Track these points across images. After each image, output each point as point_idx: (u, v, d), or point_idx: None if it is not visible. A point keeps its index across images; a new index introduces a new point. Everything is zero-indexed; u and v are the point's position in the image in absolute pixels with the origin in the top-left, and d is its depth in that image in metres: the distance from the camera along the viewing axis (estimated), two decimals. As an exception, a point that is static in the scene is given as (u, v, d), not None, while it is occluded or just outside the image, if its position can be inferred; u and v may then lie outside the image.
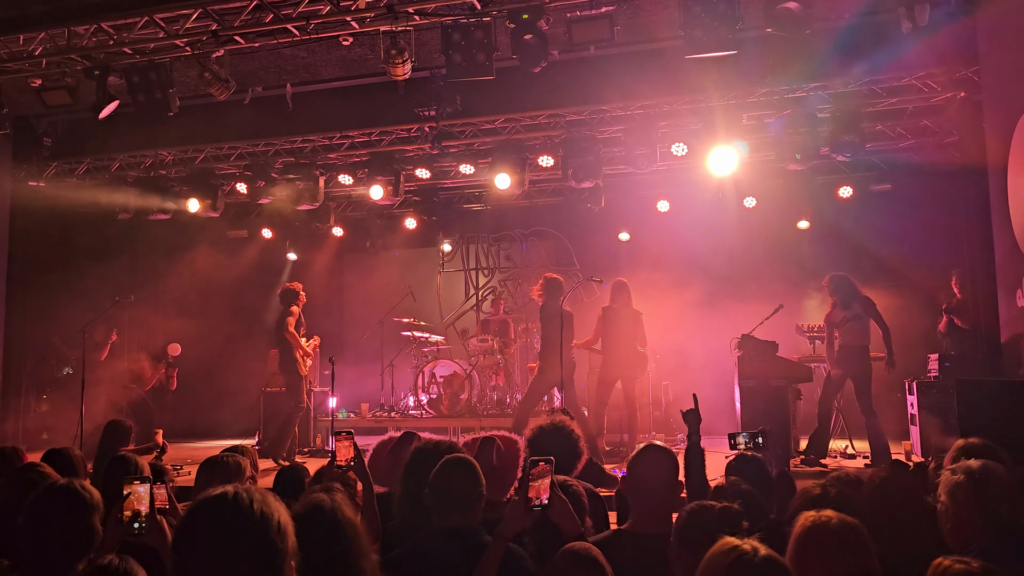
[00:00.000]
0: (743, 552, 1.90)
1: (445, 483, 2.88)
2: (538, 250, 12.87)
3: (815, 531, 2.24)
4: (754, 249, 11.21)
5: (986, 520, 2.49)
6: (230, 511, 1.61)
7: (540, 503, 2.67)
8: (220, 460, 3.69)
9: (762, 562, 1.89)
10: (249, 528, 1.59)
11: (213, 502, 1.65)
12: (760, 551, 1.91)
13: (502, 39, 7.16)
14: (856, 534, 2.25)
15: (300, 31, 7.49)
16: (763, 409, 7.62)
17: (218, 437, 10.79)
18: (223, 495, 1.65)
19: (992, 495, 2.51)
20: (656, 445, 3.15)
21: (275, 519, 1.63)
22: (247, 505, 1.62)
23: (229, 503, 1.62)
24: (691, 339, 10.63)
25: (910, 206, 10.92)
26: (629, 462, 3.08)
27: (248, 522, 1.60)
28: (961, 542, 2.49)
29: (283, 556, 1.61)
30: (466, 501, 2.87)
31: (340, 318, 12.77)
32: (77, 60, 7.98)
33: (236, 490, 1.66)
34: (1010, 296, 7.28)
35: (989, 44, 7.70)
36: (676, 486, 3.01)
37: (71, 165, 11.08)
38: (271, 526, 1.62)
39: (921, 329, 9.97)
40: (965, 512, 2.51)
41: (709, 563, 1.94)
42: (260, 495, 1.67)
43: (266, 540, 1.60)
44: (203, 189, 10.72)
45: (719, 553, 1.94)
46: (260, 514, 1.61)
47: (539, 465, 2.71)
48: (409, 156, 10.56)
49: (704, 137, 9.27)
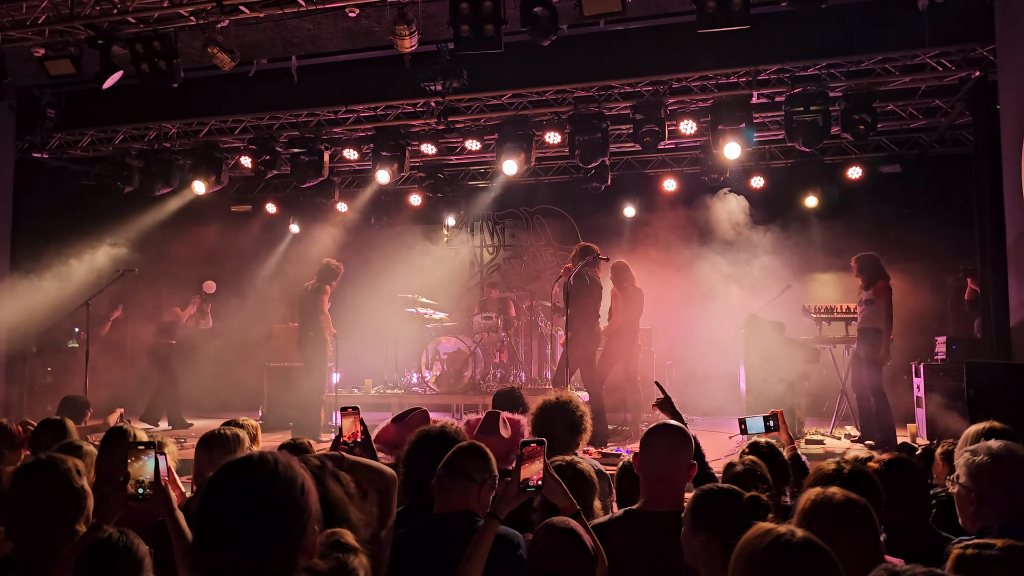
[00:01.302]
0: (780, 534, 1.85)
1: (446, 467, 2.87)
2: (543, 228, 12.80)
3: (819, 507, 2.21)
4: (762, 229, 11.13)
5: (1009, 501, 2.45)
6: (257, 471, 1.65)
7: (533, 484, 2.64)
8: (219, 434, 3.67)
9: (802, 544, 1.84)
10: (275, 488, 1.63)
11: (240, 464, 1.68)
12: (798, 533, 1.86)
13: (511, 12, 7.05)
14: (861, 512, 2.21)
15: (306, 2, 7.39)
16: (768, 390, 7.59)
17: (220, 412, 10.79)
18: (248, 457, 1.69)
19: (1016, 476, 2.47)
20: (668, 424, 3.12)
21: (299, 480, 1.66)
22: (272, 466, 1.65)
23: (255, 464, 1.66)
24: (697, 319, 10.60)
25: (920, 188, 10.84)
26: (642, 440, 3.04)
27: (274, 482, 1.63)
28: (980, 523, 2.46)
29: (308, 516, 1.65)
30: (467, 484, 2.86)
31: (344, 294, 12.71)
32: (80, 29, 7.90)
33: (262, 453, 1.70)
34: (1021, 279, 7.21)
35: (1005, 22, 7.57)
36: (689, 465, 2.97)
37: (75, 137, 11.02)
38: (295, 486, 1.65)
39: (929, 312, 9.93)
40: (989, 493, 2.47)
41: (745, 547, 1.88)
42: (285, 458, 1.70)
43: (291, 499, 1.63)
44: (207, 163, 10.64)
45: (755, 537, 1.88)
46: (285, 475, 1.65)
47: (531, 446, 2.68)
48: (415, 131, 10.48)
49: (713, 115, 9.14)
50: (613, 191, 11.42)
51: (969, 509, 2.58)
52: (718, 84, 9.29)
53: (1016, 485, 2.51)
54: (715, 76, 9.20)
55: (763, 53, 8.74)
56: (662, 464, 2.93)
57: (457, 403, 10.27)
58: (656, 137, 9.20)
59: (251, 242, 12.95)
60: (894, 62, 8.74)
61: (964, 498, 2.59)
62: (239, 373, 11.73)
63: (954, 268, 10.06)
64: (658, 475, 2.91)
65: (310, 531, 1.65)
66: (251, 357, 11.58)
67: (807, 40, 8.52)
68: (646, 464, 2.97)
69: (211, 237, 12.44)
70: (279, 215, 12.85)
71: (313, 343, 9.06)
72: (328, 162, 10.60)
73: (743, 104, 9.03)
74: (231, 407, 11.20)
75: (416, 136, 10.46)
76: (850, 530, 2.13)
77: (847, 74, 8.88)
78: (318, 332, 9.02)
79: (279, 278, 12.66)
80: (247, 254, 12.84)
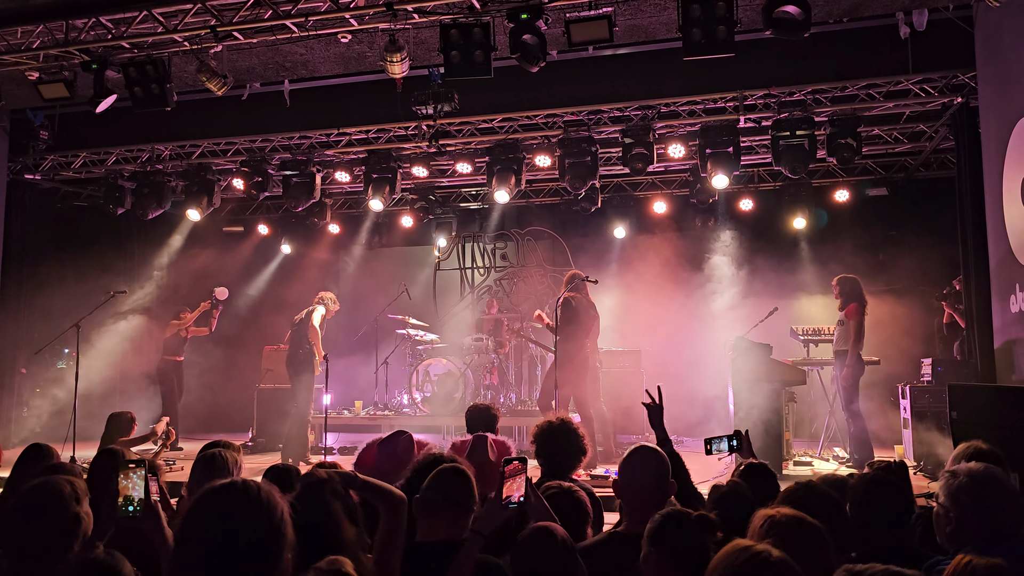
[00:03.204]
0: (756, 552, 1.90)
1: (445, 485, 2.84)
2: (534, 250, 12.88)
3: (766, 527, 2.26)
4: (749, 251, 11.23)
5: (987, 524, 2.50)
6: (238, 498, 1.70)
7: (515, 501, 2.67)
8: (216, 456, 3.71)
9: (777, 563, 1.88)
10: (255, 515, 1.69)
11: (222, 489, 1.74)
12: (773, 553, 1.90)
13: (500, 38, 7.16)
14: (805, 530, 2.26)
15: (299, 28, 7.49)
16: (756, 412, 7.62)
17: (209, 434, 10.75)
18: (232, 483, 1.75)
19: (995, 499, 2.53)
20: (646, 446, 3.16)
21: (279, 509, 1.72)
22: (255, 493, 1.72)
23: (238, 491, 1.72)
24: (686, 340, 10.65)
25: (906, 211, 10.96)
26: (621, 463, 3.09)
27: (255, 509, 1.69)
28: (958, 544, 2.50)
29: (284, 543, 1.70)
30: (460, 510, 2.82)
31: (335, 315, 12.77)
32: (75, 54, 7.97)
33: (244, 480, 1.76)
34: (1004, 302, 7.30)
35: (986, 50, 7.73)
36: (667, 486, 3.01)
37: (67, 159, 11.07)
38: (275, 514, 1.71)
39: (915, 334, 10.00)
40: (968, 515, 2.53)
41: (719, 563, 1.93)
42: (267, 486, 1.76)
43: (271, 527, 1.69)
44: (199, 184, 10.70)
45: (731, 553, 1.93)
46: (267, 503, 1.71)
47: (513, 464, 2.72)
48: (406, 154, 10.56)
49: (701, 139, 9.26)
50: (603, 213, 11.52)
51: (946, 529, 2.62)
52: (706, 109, 9.41)
53: (992, 508, 2.55)
54: (703, 101, 9.33)
55: (750, 79, 8.89)
56: (642, 486, 2.98)
57: (447, 424, 10.27)
58: (645, 161, 9.31)
59: (243, 263, 12.98)
60: (878, 88, 8.89)
61: (942, 518, 2.64)
62: (229, 394, 11.73)
63: (940, 290, 10.17)
64: (639, 497, 2.95)
65: (285, 558, 1.70)
66: (241, 378, 11.57)
67: (792, 66, 8.67)
68: (627, 487, 3.02)
69: (203, 257, 12.47)
70: (271, 236, 12.90)
71: (303, 364, 9.08)
72: (320, 184, 10.67)
73: (731, 129, 9.16)
74: (221, 428, 11.20)
75: (407, 159, 10.55)
76: (796, 548, 2.18)
77: (832, 99, 9.03)
78: (307, 352, 9.04)
79: (270, 299, 12.69)
80: (239, 274, 12.86)
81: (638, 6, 7.58)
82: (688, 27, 6.57)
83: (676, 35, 6.79)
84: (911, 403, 8.33)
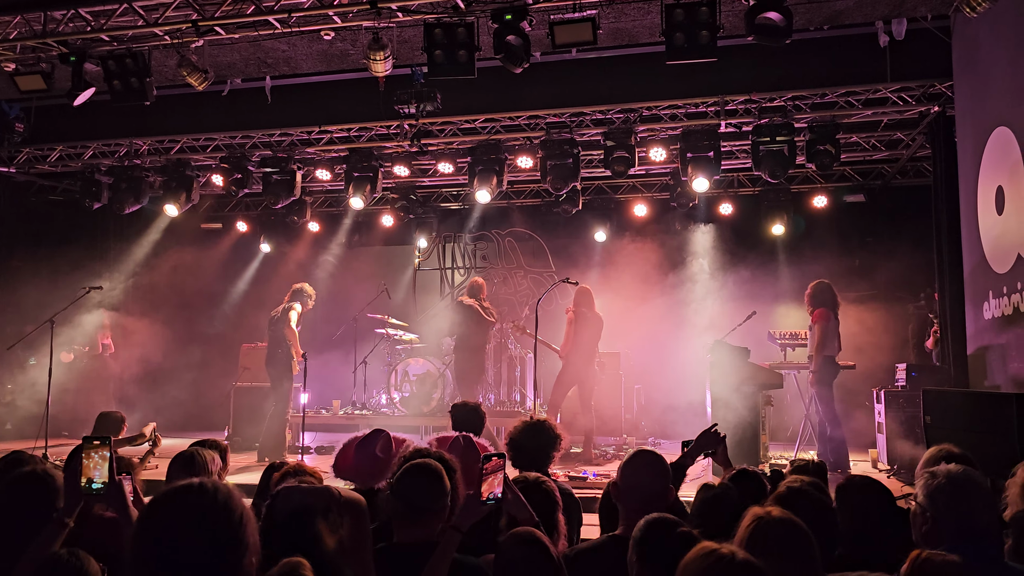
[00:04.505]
0: (722, 555, 1.92)
1: (408, 493, 2.80)
2: (515, 251, 12.88)
3: (757, 527, 2.28)
4: (728, 255, 11.32)
5: (962, 524, 2.54)
6: (194, 500, 1.66)
7: (493, 496, 2.68)
8: (195, 455, 3.67)
9: (742, 564, 1.90)
10: (211, 517, 1.64)
11: (180, 491, 1.69)
12: (739, 555, 1.93)
13: (484, 39, 7.16)
14: (795, 531, 2.28)
15: (281, 24, 7.45)
16: (733, 415, 7.67)
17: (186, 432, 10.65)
18: (189, 485, 1.70)
19: (971, 501, 2.57)
20: (646, 450, 3.15)
21: (238, 512, 1.67)
22: (211, 495, 1.66)
23: (194, 493, 1.67)
24: (665, 343, 10.71)
25: (883, 217, 11.10)
26: (622, 466, 3.08)
27: (210, 512, 1.64)
28: (933, 544, 2.54)
29: (244, 548, 1.65)
30: (428, 513, 2.79)
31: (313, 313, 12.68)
32: (53, 45, 7.87)
33: (202, 481, 1.70)
34: (977, 309, 7.41)
35: (962, 60, 7.84)
36: (667, 491, 3.02)
37: (44, 152, 10.92)
38: (233, 517, 1.65)
39: (889, 339, 10.12)
40: (944, 515, 2.56)
41: (686, 566, 1.96)
42: (225, 488, 1.70)
43: (227, 530, 1.64)
44: (178, 180, 10.59)
45: (698, 556, 1.96)
46: (224, 505, 1.66)
47: (492, 460, 2.72)
48: (388, 153, 10.53)
49: (683, 143, 9.32)
50: (584, 215, 11.55)
51: (923, 528, 2.66)
52: (687, 113, 9.47)
53: (968, 509, 2.59)
54: (684, 105, 9.38)
55: (731, 84, 8.95)
56: (643, 490, 2.96)
57: (425, 425, 10.24)
58: (627, 164, 9.35)
59: (221, 260, 12.87)
60: (857, 95, 8.99)
61: (919, 517, 2.68)
62: (206, 392, 11.62)
63: (916, 296, 10.30)
64: (640, 500, 2.93)
65: (247, 562, 1.65)
66: (218, 376, 11.48)
67: (773, 72, 8.76)
68: (628, 490, 3.01)
69: (181, 254, 12.35)
70: (250, 234, 12.80)
71: (281, 363, 9.01)
72: (300, 182, 10.62)
73: (712, 133, 9.23)
74: (197, 426, 11.10)
75: (389, 158, 10.52)
76: (782, 549, 2.20)
77: (812, 106, 9.12)
78: (286, 352, 8.98)
79: (249, 297, 12.59)
80: (217, 272, 12.76)
81: (622, 9, 7.62)
82: (671, 31, 6.61)
83: (659, 39, 6.83)
84: (885, 407, 8.43)
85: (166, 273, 12.25)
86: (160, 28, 7.57)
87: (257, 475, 4.00)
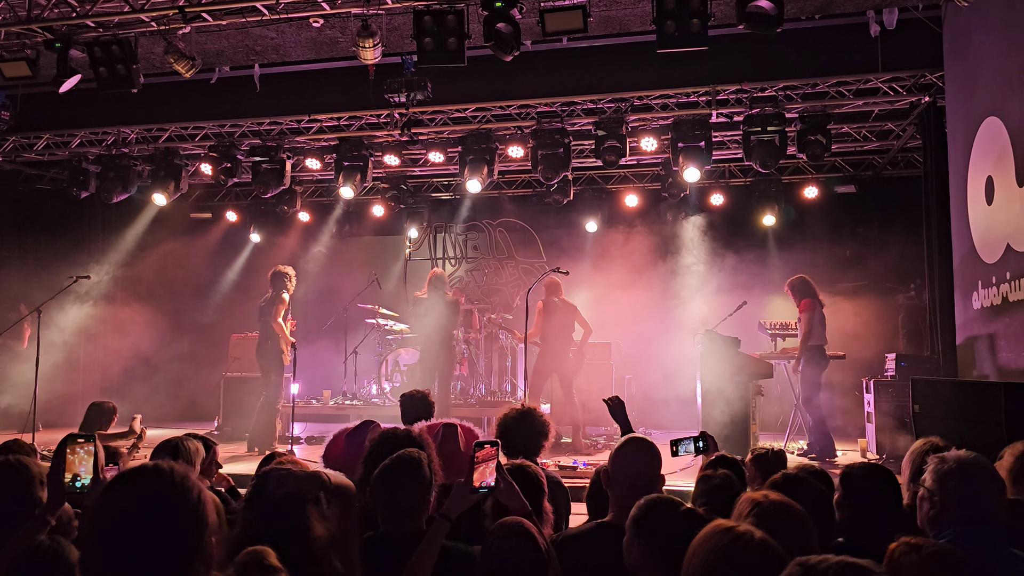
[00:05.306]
0: (740, 533, 1.88)
1: (389, 488, 2.78)
2: (506, 241, 12.85)
3: (752, 510, 2.27)
4: (719, 246, 11.32)
5: (968, 508, 2.56)
6: (149, 482, 1.66)
7: (486, 485, 2.64)
8: (177, 444, 3.63)
9: (759, 543, 1.87)
10: (168, 497, 1.64)
11: (133, 473, 1.69)
12: (756, 533, 1.90)
13: (475, 27, 7.10)
14: (790, 516, 2.28)
15: (270, 10, 7.38)
16: (724, 404, 7.68)
17: (176, 422, 10.62)
18: (143, 467, 1.70)
19: (979, 485, 2.59)
20: (637, 437, 3.13)
21: (194, 492, 1.67)
22: (167, 476, 1.66)
23: (150, 473, 1.67)
24: (656, 334, 10.71)
25: (873, 208, 11.12)
26: (614, 453, 3.06)
27: (167, 492, 1.64)
28: (938, 527, 2.57)
29: (203, 526, 1.65)
30: (410, 509, 2.78)
31: (303, 303, 12.65)
32: (38, 31, 7.77)
33: (157, 463, 1.71)
34: (966, 299, 7.43)
35: (953, 50, 7.84)
36: (657, 477, 3.00)
37: (30, 140, 10.81)
38: (190, 498, 1.65)
39: (879, 329, 10.15)
40: (951, 499, 2.58)
41: (702, 544, 1.91)
42: (182, 469, 1.70)
43: (185, 509, 1.64)
44: (167, 169, 10.50)
45: (711, 535, 1.91)
46: (180, 486, 1.66)
47: (484, 448, 2.68)
48: (378, 142, 10.47)
49: (674, 133, 9.29)
50: (575, 205, 11.52)
51: (929, 512, 2.67)
52: (679, 103, 9.44)
53: (975, 494, 2.61)
54: (676, 95, 9.36)
55: (722, 73, 8.93)
56: (636, 477, 2.95)
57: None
58: (617, 153, 9.32)
59: (211, 249, 12.79)
60: (848, 86, 8.98)
61: (926, 501, 2.69)
62: (196, 383, 11.56)
63: (906, 286, 10.32)
64: (632, 488, 2.89)
65: (207, 542, 1.65)
66: (208, 367, 11.42)
67: (764, 62, 8.73)
68: (619, 477, 2.99)
69: (170, 244, 12.27)
70: (240, 224, 12.72)
71: (270, 353, 8.95)
72: (290, 171, 10.54)
73: (703, 123, 9.21)
74: (187, 416, 11.06)
75: (379, 147, 10.46)
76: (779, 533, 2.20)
77: (803, 96, 9.11)
78: (275, 342, 8.91)
79: (239, 287, 12.53)
80: (206, 262, 12.69)
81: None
82: (662, 19, 6.57)
83: (650, 27, 6.79)
84: (875, 397, 8.45)
85: (155, 263, 12.18)
86: (146, 14, 7.49)
87: (246, 465, 3.98)
